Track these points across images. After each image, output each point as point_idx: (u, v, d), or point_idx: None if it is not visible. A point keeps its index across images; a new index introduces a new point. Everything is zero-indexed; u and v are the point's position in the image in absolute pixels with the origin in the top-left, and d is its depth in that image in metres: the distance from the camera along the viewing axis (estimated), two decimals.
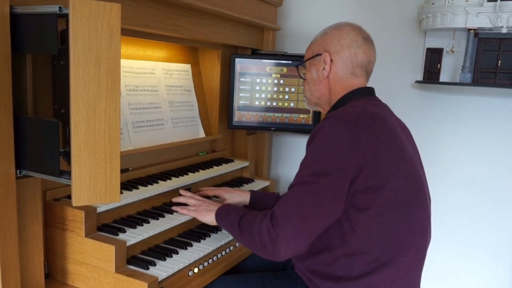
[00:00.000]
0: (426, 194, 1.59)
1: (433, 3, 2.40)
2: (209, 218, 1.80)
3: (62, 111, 1.33)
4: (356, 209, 1.44)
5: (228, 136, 2.78)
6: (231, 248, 1.95)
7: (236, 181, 2.49)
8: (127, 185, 1.90)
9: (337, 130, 1.43)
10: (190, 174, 2.20)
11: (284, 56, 2.66)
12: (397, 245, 1.47)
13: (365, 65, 1.65)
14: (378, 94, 1.71)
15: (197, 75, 2.57)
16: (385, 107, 1.66)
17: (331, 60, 1.64)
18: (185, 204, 1.94)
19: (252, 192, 2.09)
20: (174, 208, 1.90)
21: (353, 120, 1.44)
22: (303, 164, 1.49)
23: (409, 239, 1.49)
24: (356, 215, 1.44)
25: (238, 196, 2.06)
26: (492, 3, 2.20)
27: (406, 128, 1.70)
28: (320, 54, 1.66)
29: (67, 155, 1.31)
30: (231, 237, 1.96)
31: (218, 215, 1.76)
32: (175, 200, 1.96)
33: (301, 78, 1.81)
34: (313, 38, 1.75)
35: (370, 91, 1.68)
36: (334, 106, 1.67)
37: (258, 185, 2.51)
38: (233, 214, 1.66)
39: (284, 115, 2.66)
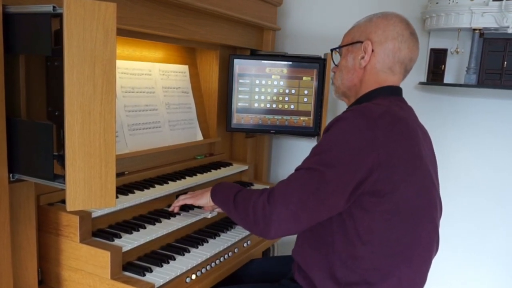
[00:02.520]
0: (436, 205, 1.56)
1: (437, 3, 2.40)
2: (205, 199, 1.84)
3: (56, 113, 1.33)
4: (360, 209, 1.43)
5: (227, 139, 2.79)
6: (230, 254, 1.95)
7: None
8: (123, 189, 1.90)
9: (355, 126, 1.40)
10: (187, 178, 2.20)
11: (284, 56, 2.66)
12: (400, 255, 1.46)
13: (406, 62, 1.60)
14: None
15: (194, 76, 2.57)
16: (410, 110, 1.63)
17: (372, 50, 1.58)
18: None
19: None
20: (171, 208, 1.95)
21: (374, 118, 1.41)
22: (314, 150, 1.47)
23: (413, 250, 1.48)
24: (360, 216, 1.43)
25: None
26: (497, 3, 2.20)
27: (427, 134, 1.66)
28: (361, 42, 1.60)
29: (61, 159, 1.32)
30: (229, 243, 1.96)
31: (213, 192, 1.78)
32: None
33: (334, 64, 1.75)
34: (354, 24, 1.69)
35: (398, 91, 1.64)
36: (358, 100, 1.63)
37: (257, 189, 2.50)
38: (228, 190, 1.67)
39: (284, 117, 2.66)
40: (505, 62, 2.39)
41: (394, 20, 1.59)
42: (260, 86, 2.63)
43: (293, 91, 2.64)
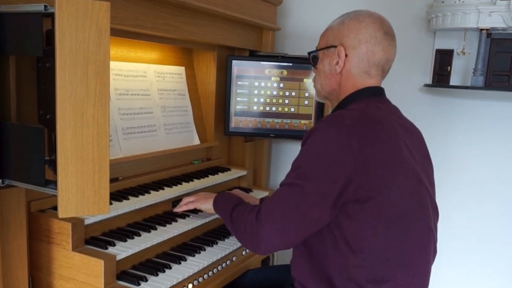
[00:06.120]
0: (428, 206, 1.56)
1: (442, 2, 2.41)
2: (208, 205, 1.91)
3: (48, 117, 1.33)
4: (346, 218, 1.45)
5: (225, 143, 2.79)
6: (228, 262, 1.95)
7: None
8: (117, 195, 1.90)
9: (329, 136, 1.44)
10: (184, 183, 2.21)
11: (284, 58, 2.66)
12: (392, 260, 1.47)
13: (382, 64, 1.60)
14: None
15: (191, 78, 2.58)
16: (389, 110, 1.63)
17: (346, 55, 1.59)
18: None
19: (261, 200, 2.10)
20: (175, 209, 2.03)
21: (347, 125, 1.44)
22: (293, 164, 1.52)
23: (405, 254, 1.48)
24: (347, 224, 1.45)
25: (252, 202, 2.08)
26: (505, 2, 2.20)
27: (415, 133, 1.67)
28: (335, 46, 1.61)
29: (53, 164, 1.32)
30: (228, 251, 1.96)
31: (215, 201, 1.86)
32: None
33: (313, 66, 1.76)
34: (328, 25, 1.69)
35: (378, 92, 1.64)
36: (338, 105, 1.66)
37: (257, 195, 2.50)
38: (228, 202, 1.73)
39: (284, 120, 2.66)
40: None
41: (367, 22, 1.58)
42: (259, 88, 2.63)
43: (293, 94, 2.64)
